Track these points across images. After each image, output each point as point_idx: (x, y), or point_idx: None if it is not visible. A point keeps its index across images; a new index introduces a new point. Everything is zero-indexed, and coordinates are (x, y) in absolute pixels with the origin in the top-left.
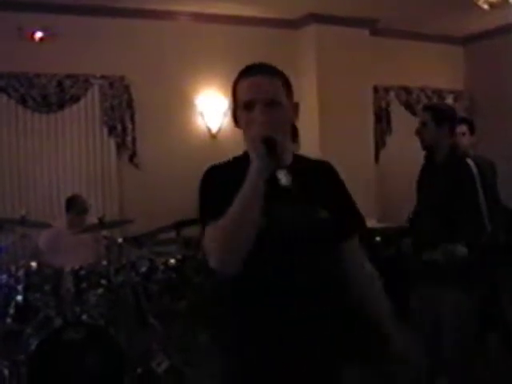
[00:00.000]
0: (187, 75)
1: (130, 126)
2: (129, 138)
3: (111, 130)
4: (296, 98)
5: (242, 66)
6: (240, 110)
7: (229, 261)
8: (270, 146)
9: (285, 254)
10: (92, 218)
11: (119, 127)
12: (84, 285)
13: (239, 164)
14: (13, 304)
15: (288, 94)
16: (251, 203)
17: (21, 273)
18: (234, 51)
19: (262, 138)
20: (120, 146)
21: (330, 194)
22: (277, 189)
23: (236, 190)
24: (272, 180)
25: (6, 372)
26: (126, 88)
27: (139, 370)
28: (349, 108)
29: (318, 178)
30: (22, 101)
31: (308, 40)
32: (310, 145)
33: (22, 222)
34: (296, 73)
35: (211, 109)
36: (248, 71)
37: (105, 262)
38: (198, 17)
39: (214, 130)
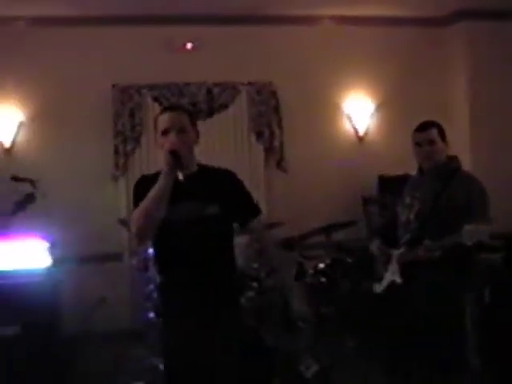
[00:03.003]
0: (333, 78)
1: (277, 130)
2: (276, 143)
3: (259, 135)
4: (444, 100)
5: (388, 68)
6: (159, 135)
7: (142, 231)
8: (174, 155)
9: (181, 237)
10: None
11: (267, 132)
12: None
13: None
14: None
15: (192, 124)
16: (159, 194)
17: None
18: (379, 53)
19: (169, 150)
20: (268, 151)
21: (226, 193)
22: (179, 189)
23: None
24: (176, 183)
25: (162, 367)
26: (273, 94)
27: (287, 373)
28: (504, 111)
29: (217, 181)
30: None
31: (458, 38)
32: (460, 148)
33: None
34: (445, 73)
35: (358, 111)
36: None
37: (256, 265)
38: (342, 20)
39: (361, 132)
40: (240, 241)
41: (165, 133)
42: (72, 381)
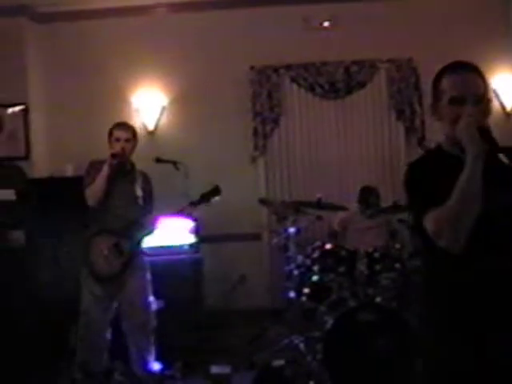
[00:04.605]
0: (477, 53)
1: (418, 109)
2: (417, 122)
3: (399, 114)
4: None
5: None
6: (445, 103)
7: (458, 238)
8: (483, 133)
9: (490, 236)
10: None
11: (407, 111)
12: (377, 267)
13: (436, 157)
14: (308, 283)
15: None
16: (474, 184)
17: (316, 254)
18: None
19: (477, 127)
20: (409, 130)
21: None
22: (491, 174)
23: (442, 179)
24: (487, 166)
25: (302, 346)
26: (414, 70)
27: None
28: None
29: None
30: (311, 89)
31: None
32: None
33: (319, 204)
34: None
35: (505, 86)
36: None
37: (398, 246)
38: None
39: (509, 107)
40: None
41: (456, 101)
42: (212, 355)
